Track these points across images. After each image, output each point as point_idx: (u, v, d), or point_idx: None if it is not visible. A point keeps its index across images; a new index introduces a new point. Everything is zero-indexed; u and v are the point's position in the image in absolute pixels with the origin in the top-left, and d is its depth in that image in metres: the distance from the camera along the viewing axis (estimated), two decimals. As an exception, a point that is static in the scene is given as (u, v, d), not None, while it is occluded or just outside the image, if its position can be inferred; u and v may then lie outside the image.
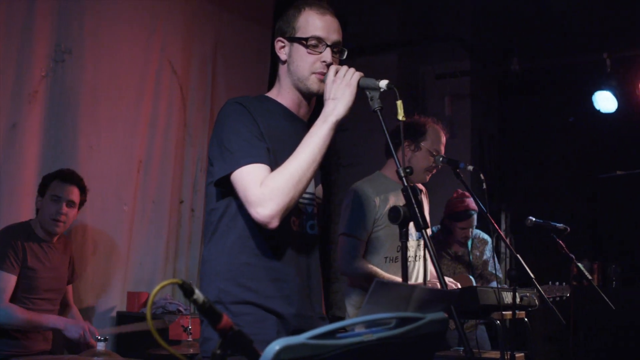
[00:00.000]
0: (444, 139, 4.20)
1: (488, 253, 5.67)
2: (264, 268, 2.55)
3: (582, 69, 7.49)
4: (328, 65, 2.58)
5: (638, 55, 6.80)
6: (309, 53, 2.60)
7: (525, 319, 4.43)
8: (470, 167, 4.11)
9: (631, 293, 6.81)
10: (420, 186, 4.33)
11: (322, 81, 2.58)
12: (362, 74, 2.50)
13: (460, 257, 5.55)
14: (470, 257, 5.56)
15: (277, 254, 2.57)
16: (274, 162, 2.49)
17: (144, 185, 5.56)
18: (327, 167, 7.77)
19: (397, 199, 3.94)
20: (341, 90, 2.47)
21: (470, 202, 5.41)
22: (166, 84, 5.76)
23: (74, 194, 4.38)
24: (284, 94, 2.70)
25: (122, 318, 5.23)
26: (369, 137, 6.77)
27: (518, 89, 8.52)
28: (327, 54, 2.60)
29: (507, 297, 3.91)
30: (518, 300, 3.86)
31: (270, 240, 2.55)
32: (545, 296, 3.92)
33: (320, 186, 2.82)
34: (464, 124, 8.00)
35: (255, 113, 2.55)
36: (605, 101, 7.04)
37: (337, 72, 2.51)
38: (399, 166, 2.34)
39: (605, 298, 4.64)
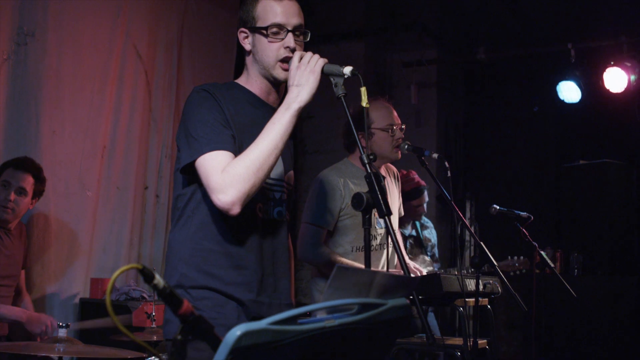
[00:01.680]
0: (391, 108, 4.16)
1: (434, 237, 5.75)
2: (226, 254, 2.55)
3: (546, 59, 7.55)
4: (292, 50, 2.57)
5: (602, 46, 6.87)
6: (271, 41, 2.59)
7: (488, 306, 4.48)
8: (435, 155, 4.13)
9: (592, 281, 6.88)
10: (394, 169, 4.34)
11: (287, 70, 2.56)
12: (326, 60, 2.49)
13: (414, 237, 5.60)
14: (421, 237, 5.62)
15: (239, 241, 2.57)
16: (241, 149, 2.48)
17: (108, 170, 5.51)
18: (294, 154, 7.75)
19: (363, 187, 3.93)
20: (305, 76, 2.46)
21: (418, 178, 5.48)
22: (131, 68, 5.70)
23: (26, 181, 4.33)
24: (252, 82, 2.70)
25: (85, 305, 5.19)
26: (335, 123, 6.74)
27: (484, 79, 8.57)
28: (289, 40, 2.58)
29: (470, 284, 3.94)
30: (481, 287, 3.90)
31: (233, 226, 2.55)
32: (507, 284, 3.95)
33: (291, 172, 2.82)
34: (430, 113, 8.02)
35: (221, 100, 2.55)
36: (569, 91, 7.11)
37: (301, 58, 2.50)
38: (362, 153, 2.35)
39: (567, 286, 4.67)
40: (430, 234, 5.82)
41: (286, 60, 2.57)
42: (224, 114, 2.52)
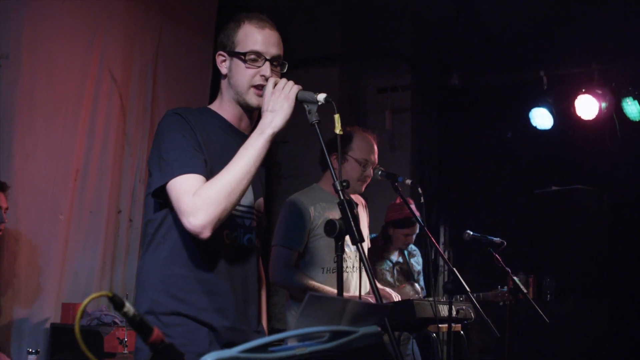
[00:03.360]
0: (374, 147, 4.18)
1: (420, 265, 5.75)
2: (198, 280, 2.54)
3: (519, 86, 7.62)
4: (267, 79, 2.58)
5: (573, 73, 6.96)
6: (248, 67, 2.60)
7: (462, 332, 4.48)
8: (408, 181, 4.14)
9: (565, 306, 6.92)
10: (361, 199, 4.34)
11: (261, 96, 2.58)
12: (300, 87, 2.50)
13: (401, 265, 5.59)
14: (409, 265, 5.61)
15: (211, 267, 2.56)
16: (211, 175, 2.47)
17: (81, 194, 5.47)
18: (268, 179, 7.75)
19: (333, 212, 3.93)
20: (279, 102, 2.47)
21: (414, 209, 5.48)
22: (105, 92, 5.68)
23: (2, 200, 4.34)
24: (225, 107, 2.70)
25: (56, 330, 5.12)
26: (310, 149, 6.78)
27: (458, 105, 8.63)
28: (266, 68, 2.60)
29: (444, 310, 3.94)
30: (454, 313, 3.89)
31: (204, 252, 2.54)
32: (480, 309, 3.96)
33: (261, 199, 2.81)
34: (404, 138, 8.05)
35: (194, 124, 2.55)
36: (541, 118, 7.18)
37: (275, 84, 2.51)
38: (335, 179, 2.36)
39: (540, 311, 4.70)
40: (417, 261, 5.81)
41: (260, 87, 2.58)
42: (196, 138, 2.52)
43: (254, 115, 2.74)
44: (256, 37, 2.62)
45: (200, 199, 2.38)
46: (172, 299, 2.52)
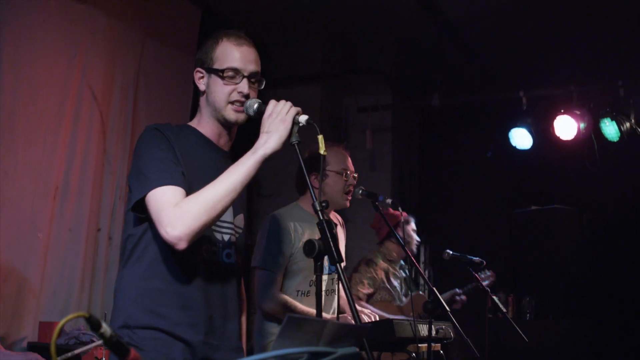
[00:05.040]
0: (347, 155, 4.19)
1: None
2: (175, 294, 2.55)
3: (499, 106, 7.67)
4: (245, 96, 2.62)
5: (552, 94, 7.00)
6: (225, 84, 2.63)
7: (441, 352, 4.47)
8: (389, 200, 4.14)
9: (545, 325, 6.94)
10: (338, 217, 4.35)
11: (240, 112, 2.62)
12: (299, 109, 2.51)
13: (405, 278, 5.66)
14: (412, 276, 5.67)
15: (188, 281, 2.57)
16: (190, 190, 2.48)
17: (60, 212, 5.43)
18: (248, 198, 7.73)
19: (312, 232, 3.93)
20: (275, 124, 2.47)
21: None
22: (86, 109, 5.66)
23: None
24: (203, 124, 2.72)
25: (33, 349, 5.06)
26: (291, 167, 6.76)
27: (438, 124, 8.67)
28: (243, 85, 2.63)
29: (423, 330, 3.93)
30: (434, 332, 3.88)
31: (182, 267, 2.56)
32: (460, 329, 3.96)
33: (241, 215, 2.82)
34: (385, 157, 8.08)
35: (172, 139, 2.57)
36: (521, 138, 7.21)
37: (275, 106, 2.51)
38: (314, 200, 2.36)
39: (519, 330, 4.70)
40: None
41: (238, 103, 2.62)
42: (174, 152, 2.54)
43: (233, 131, 2.76)
44: (234, 54, 2.65)
45: (180, 211, 2.38)
46: (148, 312, 2.52)
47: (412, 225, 5.80)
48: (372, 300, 5.49)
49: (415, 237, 5.80)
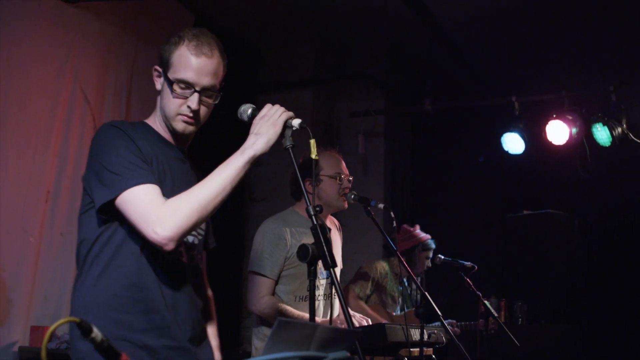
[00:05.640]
0: (341, 159, 4.20)
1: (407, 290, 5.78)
2: (134, 300, 2.48)
3: (491, 111, 7.67)
4: (193, 112, 2.54)
5: (544, 99, 7.01)
6: (175, 97, 2.55)
7: (433, 356, 4.47)
8: (381, 205, 4.14)
9: (537, 330, 6.92)
10: (335, 221, 4.34)
11: (189, 123, 2.56)
12: (291, 114, 2.49)
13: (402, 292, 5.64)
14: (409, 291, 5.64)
15: (149, 286, 2.50)
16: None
17: (52, 216, 5.41)
18: (242, 203, 7.73)
19: (308, 237, 3.91)
20: (265, 127, 2.45)
21: (417, 234, 5.60)
22: (78, 113, 5.64)
23: None
24: (158, 123, 2.67)
25: (24, 353, 5.05)
26: (283, 172, 6.76)
27: (430, 129, 8.67)
28: (193, 100, 2.54)
29: (415, 334, 3.93)
30: (426, 337, 3.87)
31: (142, 271, 2.49)
32: (452, 333, 3.95)
33: None
34: (377, 163, 8.07)
35: (134, 137, 2.50)
36: (513, 143, 7.21)
37: (269, 109, 2.49)
38: (308, 204, 2.35)
39: (511, 335, 4.70)
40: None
41: (187, 117, 2.56)
42: (139, 150, 2.47)
43: (189, 134, 2.68)
44: (190, 64, 2.55)
45: (170, 210, 2.33)
46: (107, 320, 2.43)
47: (429, 253, 5.72)
48: (368, 302, 5.48)
49: (426, 265, 5.72)
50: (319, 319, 3.94)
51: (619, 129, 6.64)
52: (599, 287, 7.81)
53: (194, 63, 2.54)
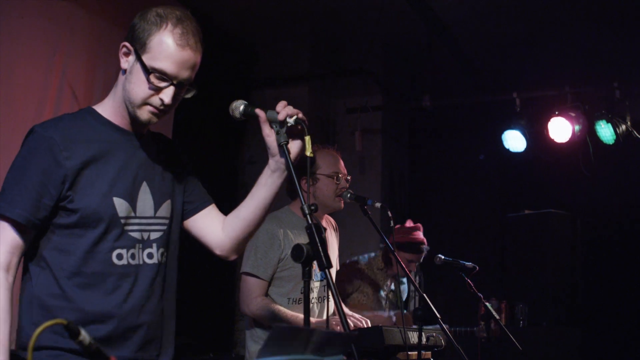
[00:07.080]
0: (339, 158, 4.15)
1: (406, 292, 5.65)
2: (79, 311, 2.33)
3: (492, 108, 7.62)
4: (165, 105, 2.36)
5: (546, 96, 6.95)
6: (149, 87, 2.35)
7: (431, 359, 4.40)
8: (377, 204, 4.13)
9: (538, 332, 6.87)
10: (332, 221, 4.31)
11: (155, 114, 2.39)
12: (296, 111, 2.44)
13: (393, 292, 5.47)
14: (398, 294, 5.48)
15: (95, 295, 2.36)
16: (93, 184, 2.33)
17: (39, 215, 5.28)
18: (236, 201, 7.60)
19: (303, 237, 3.83)
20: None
21: (418, 234, 5.39)
22: (66, 109, 5.53)
23: None
24: (115, 106, 2.46)
25: (12, 357, 4.91)
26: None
27: (429, 126, 8.61)
28: (167, 93, 2.35)
29: (413, 337, 3.88)
30: (424, 340, 3.84)
31: (86, 279, 2.35)
32: (451, 336, 3.88)
33: (167, 203, 2.57)
34: (375, 160, 8.01)
35: (61, 147, 2.34)
36: (514, 140, 7.15)
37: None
38: (303, 203, 2.28)
39: (512, 338, 4.63)
40: (404, 289, 5.69)
41: (154, 108, 2.38)
42: (56, 169, 2.34)
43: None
44: (172, 56, 2.32)
45: None
46: (49, 332, 2.27)
47: (411, 256, 5.47)
48: (349, 300, 5.32)
49: (409, 271, 5.50)
50: (313, 319, 3.89)
51: (623, 127, 6.57)
52: (602, 289, 7.77)
53: (177, 55, 2.32)
